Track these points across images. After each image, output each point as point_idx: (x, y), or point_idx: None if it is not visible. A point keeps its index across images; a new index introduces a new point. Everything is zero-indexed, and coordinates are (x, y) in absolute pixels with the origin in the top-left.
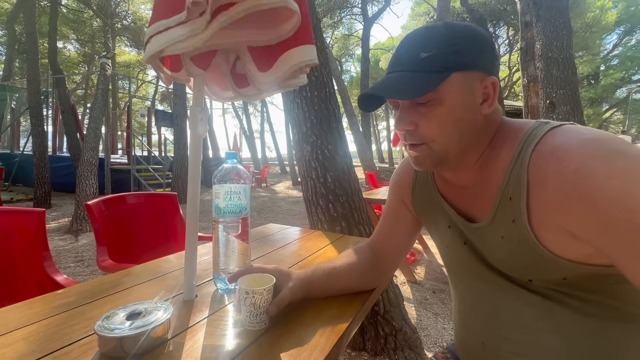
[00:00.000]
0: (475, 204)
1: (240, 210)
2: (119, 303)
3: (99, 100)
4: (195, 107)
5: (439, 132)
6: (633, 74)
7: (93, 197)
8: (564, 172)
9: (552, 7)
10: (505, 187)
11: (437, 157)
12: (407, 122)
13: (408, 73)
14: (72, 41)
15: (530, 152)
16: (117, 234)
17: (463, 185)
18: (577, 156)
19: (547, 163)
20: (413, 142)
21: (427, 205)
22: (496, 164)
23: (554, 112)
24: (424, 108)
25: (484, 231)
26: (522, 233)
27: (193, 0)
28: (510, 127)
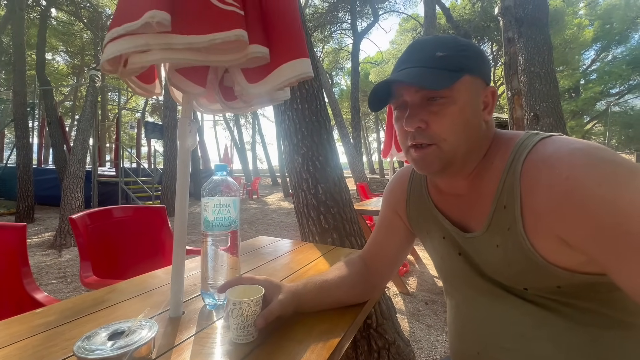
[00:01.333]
0: (469, 214)
1: (229, 223)
2: (101, 322)
3: (87, 112)
4: (184, 119)
5: (451, 131)
6: (611, 88)
7: (79, 210)
8: (555, 180)
9: (532, 24)
10: (500, 195)
11: (445, 158)
12: (418, 119)
13: (426, 69)
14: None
15: (522, 161)
16: (103, 249)
17: (458, 194)
18: (567, 164)
19: (539, 171)
20: (423, 141)
21: (421, 217)
22: (490, 173)
23: (538, 124)
24: (435, 106)
25: (479, 240)
26: (517, 240)
27: (157, 21)
28: (503, 138)
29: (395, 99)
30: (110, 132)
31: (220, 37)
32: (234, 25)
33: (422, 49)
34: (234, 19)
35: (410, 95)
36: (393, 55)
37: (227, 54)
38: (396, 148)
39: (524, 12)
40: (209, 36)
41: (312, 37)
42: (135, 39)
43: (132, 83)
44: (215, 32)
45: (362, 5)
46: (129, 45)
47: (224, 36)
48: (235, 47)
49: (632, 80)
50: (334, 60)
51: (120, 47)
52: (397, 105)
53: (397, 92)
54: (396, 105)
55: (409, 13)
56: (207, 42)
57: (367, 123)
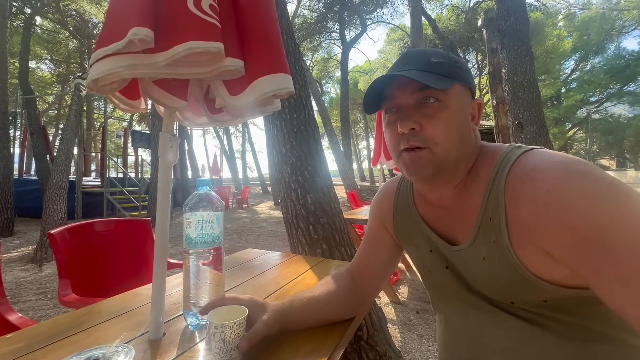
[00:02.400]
0: (456, 226)
1: (212, 240)
2: (76, 347)
3: (71, 121)
4: (165, 133)
5: (444, 135)
6: (591, 96)
7: (61, 222)
8: (537, 193)
9: (514, 35)
10: (485, 208)
11: (437, 163)
12: (412, 120)
13: (423, 72)
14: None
15: (505, 174)
16: (84, 265)
17: (444, 205)
18: (549, 177)
19: (522, 184)
20: (416, 144)
21: (408, 229)
22: (475, 184)
23: (522, 132)
24: (429, 109)
25: (465, 253)
26: (503, 253)
27: (140, 38)
28: (488, 150)
29: (388, 101)
30: (96, 141)
31: (200, 46)
32: (215, 37)
33: (417, 55)
34: (214, 31)
35: (404, 98)
36: (381, 65)
37: (200, 66)
38: (385, 156)
39: (506, 24)
40: (188, 44)
41: (302, 46)
42: (122, 59)
43: (116, 99)
44: (195, 40)
45: (350, 15)
46: (115, 66)
47: (204, 46)
48: (210, 59)
49: (610, 89)
50: (323, 68)
51: (107, 67)
52: (389, 107)
53: (390, 95)
54: (388, 108)
55: (396, 24)
56: (186, 50)
57: (357, 131)
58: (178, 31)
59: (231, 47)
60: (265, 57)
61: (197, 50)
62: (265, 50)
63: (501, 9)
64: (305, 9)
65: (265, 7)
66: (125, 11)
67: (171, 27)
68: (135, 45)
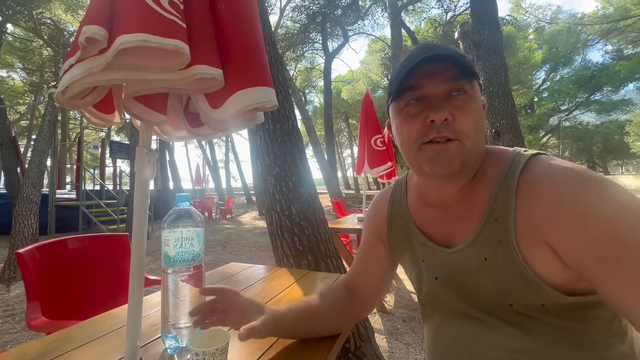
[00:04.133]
0: (455, 227)
1: (192, 257)
2: None
3: (45, 131)
4: (142, 148)
5: (473, 128)
6: (561, 105)
7: (32, 238)
8: (555, 191)
9: (489, 48)
10: (492, 208)
11: (466, 155)
12: (447, 110)
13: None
14: (18, 70)
15: (518, 175)
16: (56, 286)
17: (446, 206)
18: (566, 178)
19: (541, 182)
20: (448, 135)
21: (402, 239)
22: (483, 183)
23: (500, 139)
24: (460, 101)
25: (464, 253)
26: (508, 254)
27: (87, 37)
28: (494, 152)
29: (412, 90)
30: (71, 152)
31: (154, 41)
32: (174, 35)
33: (440, 46)
34: (174, 28)
35: (434, 87)
36: (363, 74)
37: (169, 72)
38: (369, 165)
39: (481, 37)
40: (140, 35)
41: (285, 56)
42: (80, 66)
43: (88, 113)
44: (148, 33)
45: (332, 26)
46: (75, 74)
47: (158, 41)
48: (177, 64)
49: (578, 98)
50: (306, 78)
51: (68, 77)
52: (414, 98)
53: (417, 84)
54: (412, 99)
55: (377, 35)
56: (138, 42)
57: (341, 139)
58: (129, 22)
59: (207, 54)
60: (246, 69)
61: (150, 45)
62: (247, 61)
63: (476, 22)
64: (288, 19)
65: (246, 17)
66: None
67: (122, 19)
68: (89, 47)
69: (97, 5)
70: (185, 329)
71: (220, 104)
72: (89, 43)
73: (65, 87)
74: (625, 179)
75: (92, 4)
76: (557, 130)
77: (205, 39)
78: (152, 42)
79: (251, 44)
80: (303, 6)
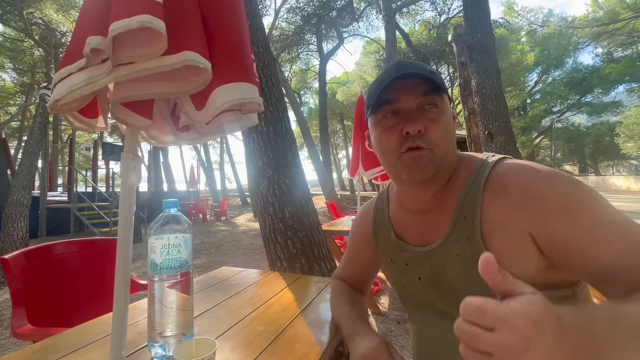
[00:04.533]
0: (432, 228)
1: (180, 265)
2: None
3: (35, 133)
4: (127, 153)
5: (443, 139)
6: (553, 106)
7: (22, 242)
8: (527, 183)
9: (482, 50)
10: (461, 207)
11: (437, 163)
12: (420, 123)
13: (429, 73)
14: (9, 70)
15: (486, 176)
16: (43, 292)
17: (423, 210)
18: (534, 172)
19: (509, 177)
20: (421, 145)
21: (386, 246)
22: (454, 187)
23: (493, 141)
24: (431, 114)
25: (440, 250)
26: (475, 249)
27: (92, 47)
28: (465, 158)
29: (388, 105)
30: (63, 154)
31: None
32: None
33: (413, 62)
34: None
35: (408, 101)
36: (358, 76)
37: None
38: (363, 167)
39: (474, 39)
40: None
41: (280, 57)
42: (79, 75)
43: (72, 117)
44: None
45: (327, 28)
46: (73, 83)
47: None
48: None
49: (570, 100)
50: (301, 79)
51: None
52: (390, 111)
53: (392, 98)
54: (389, 112)
55: (371, 37)
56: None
57: (336, 140)
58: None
59: (198, 43)
60: (227, 64)
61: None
62: (230, 56)
63: (469, 25)
64: (282, 21)
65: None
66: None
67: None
68: (93, 57)
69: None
70: (172, 337)
71: (203, 104)
72: (94, 54)
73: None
74: (616, 179)
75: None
76: (549, 132)
77: (195, 30)
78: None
79: (235, 40)
80: (298, 8)
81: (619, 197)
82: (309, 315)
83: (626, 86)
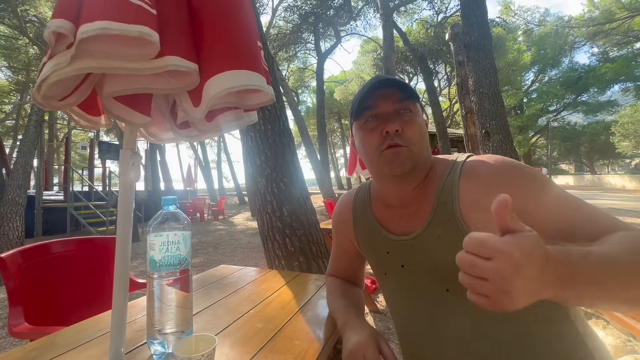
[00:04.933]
0: (413, 219)
1: (179, 262)
2: None
3: (31, 132)
4: (126, 150)
5: (417, 138)
6: (549, 106)
7: (17, 241)
8: (496, 168)
9: (479, 49)
10: (440, 194)
11: (414, 159)
12: (397, 123)
13: (404, 84)
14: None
15: (459, 168)
16: (39, 290)
17: (405, 204)
18: (501, 161)
19: (480, 165)
20: (399, 143)
21: (368, 235)
22: (432, 181)
23: (490, 140)
24: (407, 117)
25: (422, 237)
26: (455, 227)
27: (51, 31)
28: (439, 158)
29: (370, 110)
30: (59, 152)
31: (116, 27)
32: (139, 21)
33: (389, 77)
34: (141, 15)
35: (386, 106)
36: (356, 75)
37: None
38: (361, 165)
39: (471, 38)
40: (101, 23)
41: (277, 56)
42: (50, 62)
43: (75, 115)
44: (110, 20)
45: (324, 27)
46: (45, 71)
47: (120, 28)
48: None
49: (566, 99)
50: (299, 78)
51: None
52: (371, 116)
53: (373, 104)
54: (370, 116)
55: (369, 36)
56: (99, 29)
57: (334, 139)
58: (89, 11)
59: (180, 46)
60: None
61: (111, 32)
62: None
63: (466, 24)
64: (280, 19)
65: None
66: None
67: (86, 11)
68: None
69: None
70: (172, 334)
71: (199, 100)
72: (56, 38)
73: (39, 86)
74: (611, 178)
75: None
76: (545, 131)
77: (179, 30)
78: (113, 29)
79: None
80: (295, 6)
81: (613, 196)
82: (308, 312)
83: (621, 85)
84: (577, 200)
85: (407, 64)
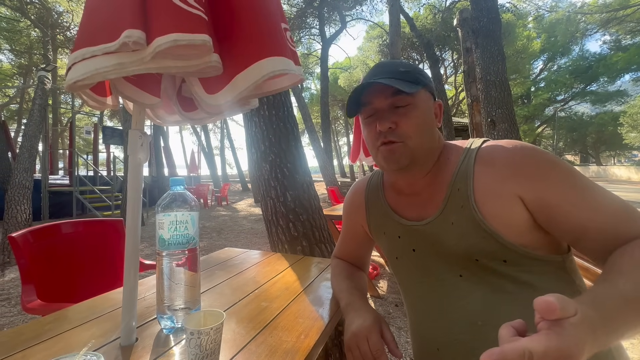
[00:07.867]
0: (426, 206)
1: (187, 240)
2: (40, 358)
3: (35, 116)
4: (135, 131)
5: (415, 131)
6: (557, 95)
7: (25, 224)
8: (513, 155)
9: (487, 35)
10: (454, 181)
11: (410, 154)
12: (390, 121)
13: (395, 79)
14: (6, 52)
15: (474, 154)
16: (50, 269)
17: (416, 192)
18: (516, 146)
19: (496, 151)
20: (392, 139)
21: (380, 221)
22: (446, 168)
23: (495, 129)
24: (402, 110)
25: (435, 223)
26: (469, 214)
27: (133, 41)
28: (452, 144)
29: (365, 106)
30: (63, 137)
31: (184, 38)
32: (200, 30)
33: (387, 65)
34: (200, 23)
35: (379, 102)
36: (361, 61)
37: (187, 59)
38: (364, 153)
39: (480, 24)
40: (173, 35)
41: None
42: (108, 58)
43: (85, 95)
44: (178, 32)
45: (329, 11)
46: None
47: (188, 38)
48: (197, 53)
49: (574, 88)
50: (303, 64)
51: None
52: (367, 112)
53: (367, 101)
54: (366, 113)
55: (375, 21)
56: (170, 42)
57: (337, 127)
58: (161, 24)
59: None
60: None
61: (181, 43)
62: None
63: (475, 9)
64: (284, 3)
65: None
66: (113, 9)
67: (155, 22)
68: (128, 47)
69: (131, 7)
70: (181, 310)
71: (217, 90)
72: (134, 45)
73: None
74: (617, 169)
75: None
76: (552, 121)
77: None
78: (183, 40)
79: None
80: None
81: (619, 187)
82: (311, 293)
83: (633, 75)
84: (603, 192)
85: (413, 51)
